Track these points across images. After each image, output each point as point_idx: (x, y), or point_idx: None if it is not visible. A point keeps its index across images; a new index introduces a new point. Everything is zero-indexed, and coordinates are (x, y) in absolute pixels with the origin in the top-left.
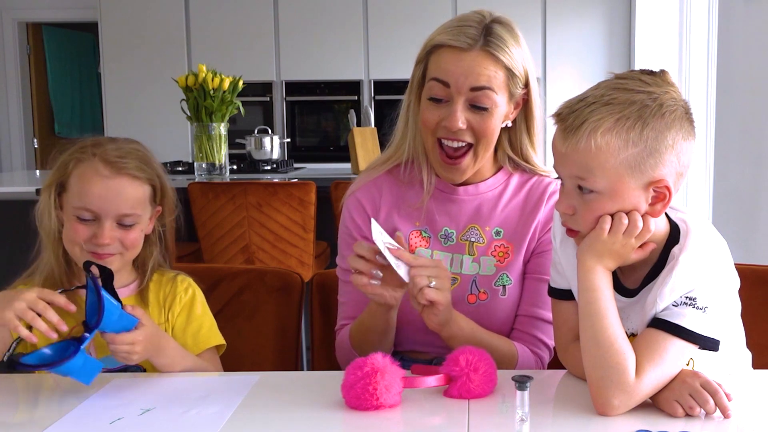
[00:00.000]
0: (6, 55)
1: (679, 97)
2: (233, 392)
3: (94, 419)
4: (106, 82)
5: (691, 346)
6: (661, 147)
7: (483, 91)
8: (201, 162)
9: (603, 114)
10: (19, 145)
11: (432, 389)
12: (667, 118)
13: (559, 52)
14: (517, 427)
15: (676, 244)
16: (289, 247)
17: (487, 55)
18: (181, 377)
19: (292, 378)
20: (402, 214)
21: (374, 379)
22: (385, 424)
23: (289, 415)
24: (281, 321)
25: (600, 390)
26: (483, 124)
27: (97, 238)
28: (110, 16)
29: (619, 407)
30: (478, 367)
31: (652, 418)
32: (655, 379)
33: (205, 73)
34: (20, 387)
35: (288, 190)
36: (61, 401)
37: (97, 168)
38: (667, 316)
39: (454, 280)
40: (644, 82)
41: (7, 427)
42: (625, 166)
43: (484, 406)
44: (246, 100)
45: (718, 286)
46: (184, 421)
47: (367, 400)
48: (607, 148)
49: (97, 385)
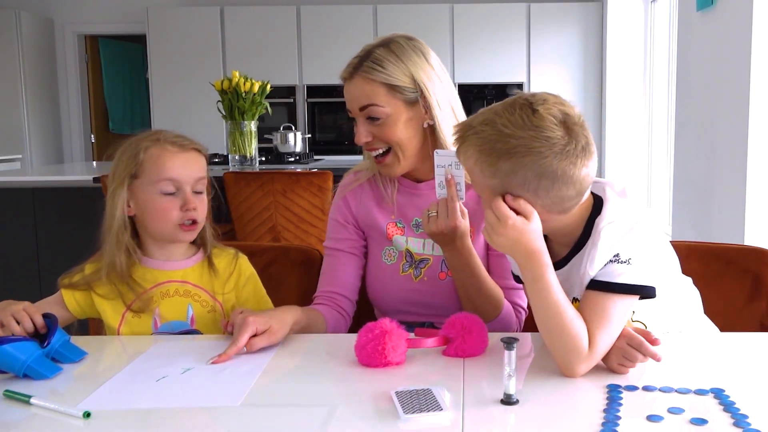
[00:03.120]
0: (68, 64)
1: (543, 138)
2: (263, 352)
3: (142, 378)
4: (153, 86)
5: (629, 298)
6: (512, 184)
7: (368, 108)
8: (234, 154)
9: (473, 142)
10: (78, 140)
11: (432, 349)
12: (517, 159)
13: (542, 58)
14: (505, 381)
15: (598, 215)
16: (310, 227)
17: (362, 79)
18: (216, 341)
19: (312, 339)
20: (380, 210)
21: (383, 340)
22: (392, 379)
23: (309, 371)
24: (303, 290)
25: (563, 363)
26: (383, 132)
27: (187, 203)
28: (157, 30)
29: (583, 371)
30: (473, 330)
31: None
32: (607, 338)
33: (238, 78)
34: (82, 347)
35: (309, 179)
36: (112, 362)
37: (167, 147)
38: (598, 277)
39: (427, 260)
40: (511, 120)
41: (72, 382)
42: (488, 190)
43: (477, 363)
44: (273, 101)
45: (637, 239)
46: (220, 378)
47: (376, 358)
48: (476, 172)
49: (143, 348)
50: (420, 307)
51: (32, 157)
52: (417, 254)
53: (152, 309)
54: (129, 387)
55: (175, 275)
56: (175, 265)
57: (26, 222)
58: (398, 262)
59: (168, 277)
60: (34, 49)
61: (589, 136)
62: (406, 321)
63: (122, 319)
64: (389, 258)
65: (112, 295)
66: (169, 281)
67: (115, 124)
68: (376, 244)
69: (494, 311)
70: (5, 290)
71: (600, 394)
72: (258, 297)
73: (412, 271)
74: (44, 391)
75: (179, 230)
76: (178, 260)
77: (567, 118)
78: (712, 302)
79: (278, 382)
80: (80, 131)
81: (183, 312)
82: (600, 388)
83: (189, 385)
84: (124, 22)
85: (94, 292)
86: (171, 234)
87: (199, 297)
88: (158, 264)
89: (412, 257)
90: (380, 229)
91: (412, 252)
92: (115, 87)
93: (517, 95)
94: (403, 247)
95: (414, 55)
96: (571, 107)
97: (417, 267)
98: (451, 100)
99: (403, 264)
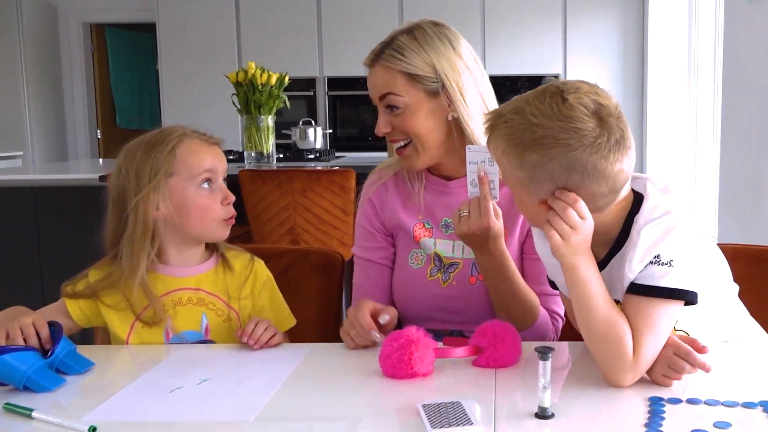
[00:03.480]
0: (72, 54)
1: (573, 129)
2: (285, 362)
3: (155, 388)
4: (163, 78)
5: (674, 303)
6: (540, 177)
7: (387, 96)
8: (250, 151)
9: (501, 132)
10: (83, 136)
11: (462, 359)
12: (544, 151)
13: (579, 48)
14: (540, 394)
15: (637, 213)
16: (331, 229)
17: (383, 67)
18: (236, 350)
19: (334, 349)
20: (406, 209)
21: (409, 349)
22: (419, 391)
23: (330, 383)
24: (323, 296)
25: (608, 372)
26: (402, 122)
27: (227, 197)
28: (167, 18)
29: (629, 382)
30: (505, 339)
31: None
32: (653, 346)
33: (254, 69)
34: (90, 357)
35: (330, 177)
36: (121, 372)
37: (196, 141)
38: (638, 280)
39: (457, 264)
40: (540, 109)
41: (78, 394)
42: (517, 183)
43: (509, 374)
44: (291, 94)
45: (679, 240)
46: (238, 390)
47: (402, 369)
48: (504, 164)
49: (153, 357)
50: (448, 314)
51: (34, 154)
52: (446, 258)
53: (164, 319)
54: (139, 399)
55: (187, 282)
56: (188, 271)
57: (27, 224)
58: (426, 266)
59: (180, 285)
60: (36, 38)
61: (625, 129)
62: (434, 329)
63: (131, 330)
64: (416, 262)
65: (120, 304)
66: (182, 289)
67: (122, 119)
68: (402, 246)
69: (530, 318)
70: (6, 297)
71: (641, 407)
72: (275, 304)
73: (440, 275)
74: (47, 404)
75: (223, 226)
76: (190, 266)
77: (600, 108)
78: (761, 309)
79: (298, 394)
80: (85, 126)
81: (197, 321)
82: (641, 401)
83: (204, 397)
84: (132, 10)
85: (100, 302)
86: (214, 231)
87: (214, 305)
88: (169, 270)
89: (441, 261)
90: (407, 231)
91: (440, 255)
92: (123, 79)
93: (550, 82)
94: (431, 250)
95: (438, 43)
96: (607, 97)
97: (445, 271)
98: (482, 92)
99: (431, 268)
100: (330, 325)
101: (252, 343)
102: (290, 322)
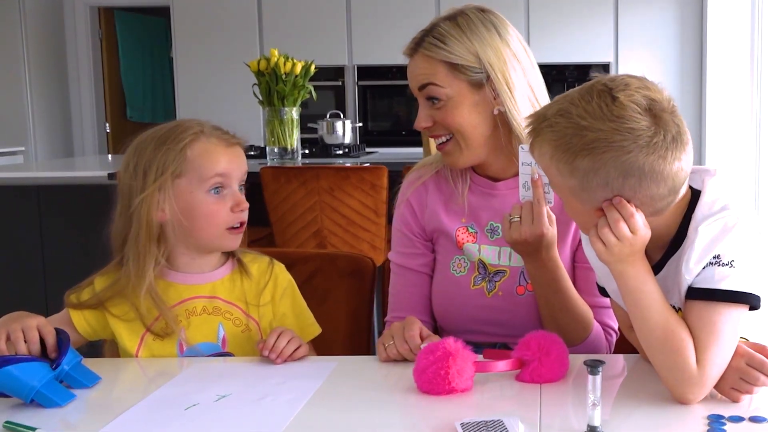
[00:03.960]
0: (78, 40)
1: (626, 129)
2: (311, 377)
3: (169, 405)
4: (177, 67)
5: (739, 308)
6: (593, 184)
7: (427, 87)
8: (273, 146)
9: (547, 137)
10: (91, 130)
11: (504, 374)
12: (596, 156)
13: (632, 36)
14: (589, 411)
15: (694, 210)
16: (361, 231)
17: (423, 56)
18: (257, 363)
19: (365, 362)
20: (448, 212)
21: (446, 363)
22: (457, 408)
23: (360, 400)
24: (353, 305)
25: (671, 387)
26: (443, 116)
27: (240, 204)
28: (182, 0)
29: (696, 397)
30: (551, 352)
31: (723, 402)
32: (720, 358)
33: (277, 57)
34: (99, 371)
35: (360, 175)
36: (131, 387)
37: (213, 141)
38: (697, 283)
39: (503, 272)
40: (588, 110)
41: (86, 410)
42: (568, 191)
43: (556, 390)
44: (318, 84)
45: (741, 238)
46: (259, 407)
47: (439, 384)
48: (552, 171)
49: (167, 371)
50: (492, 326)
51: (37, 150)
52: (491, 265)
53: (177, 330)
54: (151, 417)
55: (202, 290)
56: (202, 278)
57: (30, 226)
58: (469, 273)
59: (194, 293)
60: (39, 23)
61: (681, 124)
62: (475, 341)
63: (141, 342)
64: (459, 269)
65: (129, 315)
66: (196, 297)
67: (133, 111)
68: (444, 251)
69: (583, 332)
70: (7, 304)
71: (699, 426)
72: (297, 311)
73: (485, 284)
74: (53, 422)
75: (227, 235)
76: (204, 272)
77: (653, 104)
78: None
79: (325, 411)
80: (93, 119)
81: (213, 332)
82: (699, 419)
83: (222, 415)
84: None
85: (107, 312)
86: (218, 240)
87: (231, 314)
88: (182, 277)
89: (486, 268)
90: (449, 235)
91: (485, 262)
92: (134, 68)
93: (595, 79)
94: (475, 257)
95: (484, 31)
96: (658, 91)
97: (491, 280)
98: (532, 84)
99: (475, 276)
100: (360, 336)
101: (274, 357)
102: (314, 331)
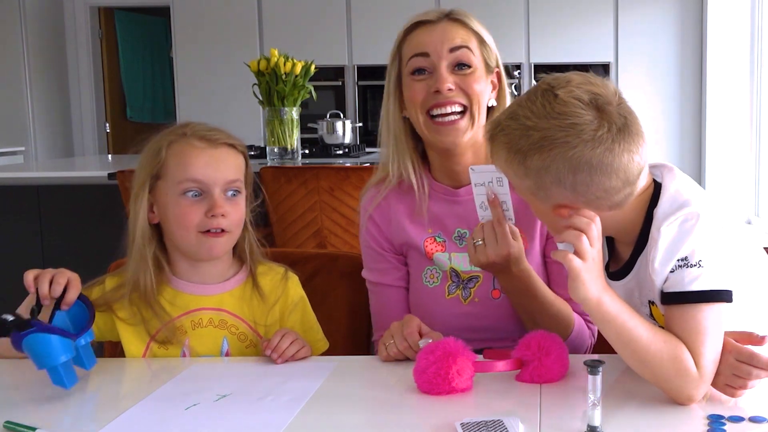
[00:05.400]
0: (78, 40)
1: (568, 125)
2: (311, 377)
3: (169, 405)
4: (177, 67)
5: (717, 304)
6: (546, 182)
7: (461, 49)
8: (273, 146)
9: (500, 141)
10: (91, 130)
11: (504, 374)
12: (544, 154)
13: (632, 36)
14: (589, 411)
15: (656, 205)
16: None
17: (455, 22)
18: (259, 364)
19: (365, 363)
20: (414, 224)
21: (446, 363)
22: (457, 408)
23: (361, 400)
24: (353, 305)
25: (676, 393)
26: (469, 82)
27: (213, 209)
28: (182, 0)
29: (700, 395)
30: (550, 352)
31: (723, 402)
32: (711, 353)
33: (277, 57)
34: (99, 370)
35: (360, 175)
36: (136, 385)
37: (193, 143)
38: (669, 288)
39: (477, 278)
40: (533, 110)
41: (86, 410)
42: (527, 192)
43: (556, 390)
44: (318, 84)
45: (706, 233)
46: (259, 407)
47: (439, 384)
48: (510, 175)
49: (168, 371)
50: (473, 332)
51: (37, 149)
52: (464, 272)
53: (181, 340)
54: (151, 416)
55: (209, 302)
56: (211, 289)
57: (30, 227)
58: (442, 283)
59: (200, 304)
60: (39, 22)
61: (629, 116)
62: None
63: (146, 350)
64: (432, 280)
65: (134, 319)
66: (202, 309)
67: (133, 112)
68: (415, 264)
69: (565, 332)
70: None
71: (699, 426)
72: (306, 327)
73: (459, 292)
74: (53, 419)
75: (202, 239)
76: (214, 282)
77: (596, 98)
78: None
79: (325, 411)
80: (93, 119)
81: (216, 346)
82: (699, 419)
83: (222, 415)
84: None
85: (114, 314)
86: (193, 245)
87: (237, 329)
88: (190, 287)
89: (459, 276)
90: (418, 247)
91: (457, 270)
92: (134, 68)
93: (541, 80)
94: (446, 266)
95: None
96: (602, 85)
97: (465, 287)
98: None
99: (449, 285)
100: (360, 336)
101: (276, 356)
102: (322, 347)
